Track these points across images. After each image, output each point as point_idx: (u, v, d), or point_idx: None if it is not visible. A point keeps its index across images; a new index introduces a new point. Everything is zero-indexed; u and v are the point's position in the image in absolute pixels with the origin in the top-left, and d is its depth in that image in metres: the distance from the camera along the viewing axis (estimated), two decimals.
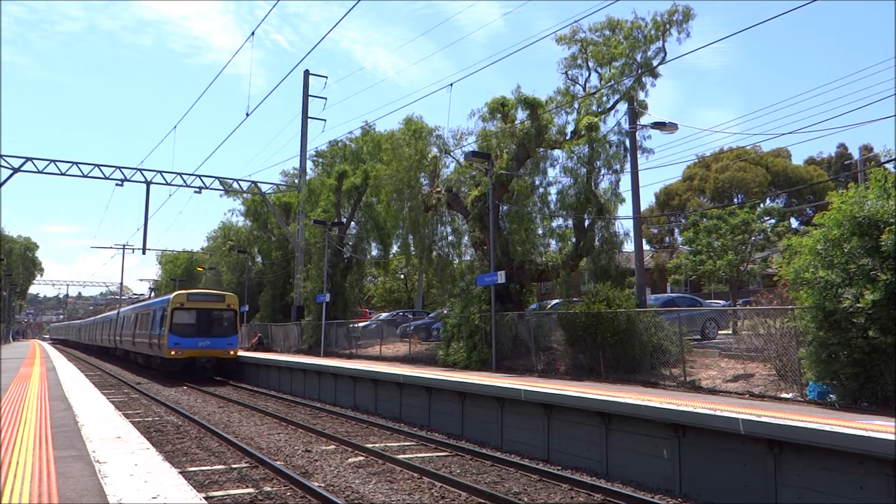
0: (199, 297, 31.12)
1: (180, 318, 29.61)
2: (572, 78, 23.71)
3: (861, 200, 11.84)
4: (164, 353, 29.52)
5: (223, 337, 30.28)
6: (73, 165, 33.62)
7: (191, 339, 29.44)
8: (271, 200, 40.67)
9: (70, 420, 10.14)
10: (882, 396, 11.31)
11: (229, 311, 30.90)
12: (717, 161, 52.28)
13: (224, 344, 30.29)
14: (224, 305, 30.84)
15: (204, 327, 29.90)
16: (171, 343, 29.13)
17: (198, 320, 29.91)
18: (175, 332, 29.19)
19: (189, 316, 29.84)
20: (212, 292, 32.77)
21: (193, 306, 30.04)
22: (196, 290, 32.54)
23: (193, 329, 29.63)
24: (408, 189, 26.20)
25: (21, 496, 5.48)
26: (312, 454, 12.29)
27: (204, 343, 29.67)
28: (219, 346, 30.12)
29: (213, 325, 30.29)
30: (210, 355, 29.86)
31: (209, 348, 29.80)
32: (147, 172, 35.11)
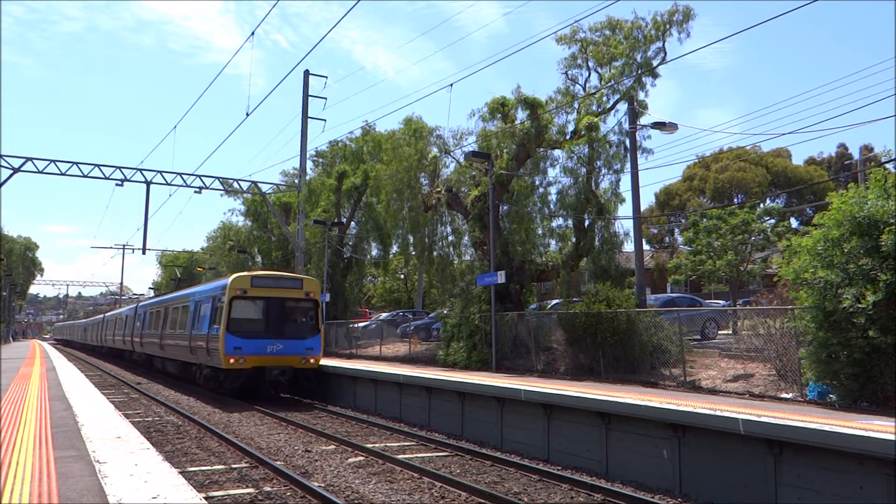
0: (269, 281, 21.94)
1: (242, 311, 20.97)
2: (572, 78, 23.72)
3: (861, 200, 11.84)
4: (219, 361, 20.44)
5: (301, 338, 21.44)
6: (73, 165, 33.61)
7: (257, 342, 20.57)
8: (271, 200, 40.66)
9: (70, 420, 10.14)
10: (882, 396, 11.31)
11: (309, 300, 21.98)
12: (717, 161, 52.28)
13: (302, 348, 21.33)
14: (302, 293, 21.92)
15: (275, 324, 21.19)
16: (230, 347, 20.15)
17: (266, 314, 21.21)
18: (235, 331, 20.37)
19: (255, 308, 21.24)
20: (285, 275, 23.57)
21: (260, 294, 21.21)
22: (264, 273, 23.01)
23: (261, 326, 21.04)
24: (408, 189, 26.20)
25: (21, 496, 5.48)
26: (312, 454, 12.29)
27: (275, 347, 20.81)
28: (295, 350, 21.19)
29: (288, 320, 21.67)
30: (283, 364, 20.84)
31: (282, 354, 20.87)
32: (147, 172, 35.11)
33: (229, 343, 20.16)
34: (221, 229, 56.36)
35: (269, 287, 21.40)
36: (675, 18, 21.73)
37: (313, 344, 21.59)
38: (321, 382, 22.27)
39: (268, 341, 20.74)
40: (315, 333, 21.75)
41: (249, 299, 21.06)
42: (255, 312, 21.19)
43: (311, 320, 21.97)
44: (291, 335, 21.21)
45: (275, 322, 21.12)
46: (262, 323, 21.07)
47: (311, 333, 21.68)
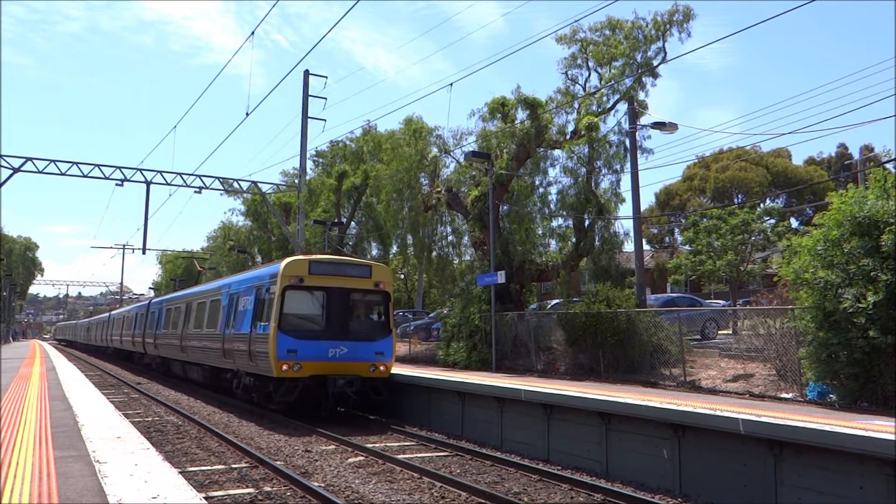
0: (330, 267, 17.24)
1: (298, 305, 16.68)
2: (572, 78, 23.74)
3: (861, 201, 11.84)
4: (267, 368, 16.21)
5: (369, 339, 17.03)
6: (73, 165, 33.57)
7: (317, 344, 16.31)
8: (271, 200, 40.66)
9: (70, 420, 10.14)
10: (882, 396, 11.32)
11: (378, 292, 17.55)
12: (718, 161, 52.28)
13: (370, 352, 16.90)
14: (370, 283, 17.41)
15: (338, 322, 16.74)
16: (283, 350, 15.91)
17: (328, 309, 16.80)
18: (288, 330, 16.11)
19: (313, 301, 16.88)
20: (351, 261, 18.79)
21: (320, 283, 16.77)
22: (325, 257, 18.28)
23: (321, 325, 16.74)
24: (408, 189, 26.21)
25: (21, 496, 5.48)
26: (312, 454, 12.29)
27: (339, 350, 16.48)
28: (363, 354, 16.78)
29: (354, 317, 17.35)
30: (349, 372, 16.42)
31: (347, 359, 16.51)
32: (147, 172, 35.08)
33: (282, 345, 15.75)
34: (221, 229, 56.41)
35: (330, 275, 16.83)
36: (676, 18, 21.75)
37: (384, 347, 17.09)
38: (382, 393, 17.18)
39: (329, 343, 16.29)
40: (386, 334, 17.30)
41: (306, 290, 16.58)
42: (313, 307, 16.76)
43: (381, 317, 17.64)
44: (358, 336, 16.79)
45: (338, 319, 16.63)
46: (323, 320, 16.64)
47: (381, 334, 17.25)
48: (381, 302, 17.65)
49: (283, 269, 16.41)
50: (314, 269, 16.74)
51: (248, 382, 17.76)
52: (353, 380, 16.28)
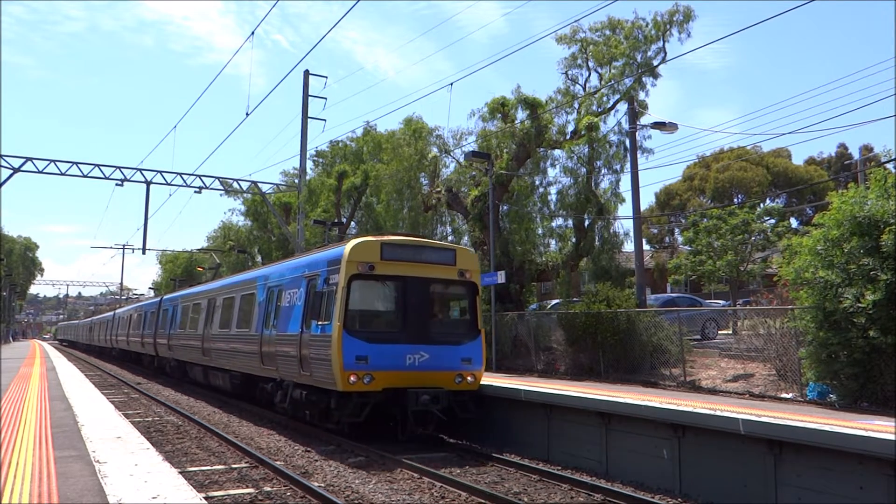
0: (407, 251, 13.63)
1: (367, 299, 13.53)
2: (572, 78, 23.77)
3: (861, 200, 11.85)
4: (327, 379, 12.88)
5: (455, 342, 13.64)
6: (73, 165, 33.55)
7: (392, 348, 12.96)
8: (271, 200, 40.65)
9: (70, 420, 10.14)
10: (882, 396, 11.32)
11: (464, 283, 14.09)
12: (718, 161, 52.29)
13: (456, 358, 13.50)
14: (454, 272, 13.94)
15: (417, 320, 13.35)
16: (350, 356, 12.53)
17: (404, 305, 13.38)
18: (356, 331, 12.82)
19: (386, 294, 13.69)
20: (430, 243, 14.95)
21: (394, 272, 13.35)
22: (400, 238, 14.39)
23: (396, 324, 13.40)
24: (408, 189, 26.22)
25: (21, 496, 5.48)
26: (312, 454, 12.29)
27: (419, 357, 13.05)
28: (448, 362, 13.38)
29: (436, 314, 14.14)
30: (431, 384, 13.02)
31: (429, 367, 13.15)
32: (147, 172, 35.05)
33: (349, 350, 12.29)
34: (221, 229, 56.42)
35: (407, 261, 13.31)
36: (676, 19, 21.78)
37: (472, 352, 13.51)
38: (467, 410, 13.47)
39: (407, 348, 12.82)
40: (474, 336, 13.72)
41: (378, 280, 13.19)
42: (386, 301, 13.52)
43: (467, 315, 14.15)
44: (441, 338, 13.32)
45: (417, 317, 13.18)
46: (399, 318, 13.21)
47: (468, 336, 13.71)
48: (467, 295, 14.09)
49: (350, 253, 12.76)
50: (388, 253, 13.12)
51: (297, 396, 13.93)
52: (438, 394, 12.62)
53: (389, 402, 12.85)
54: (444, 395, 12.90)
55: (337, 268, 13.09)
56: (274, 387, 15.51)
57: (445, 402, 12.92)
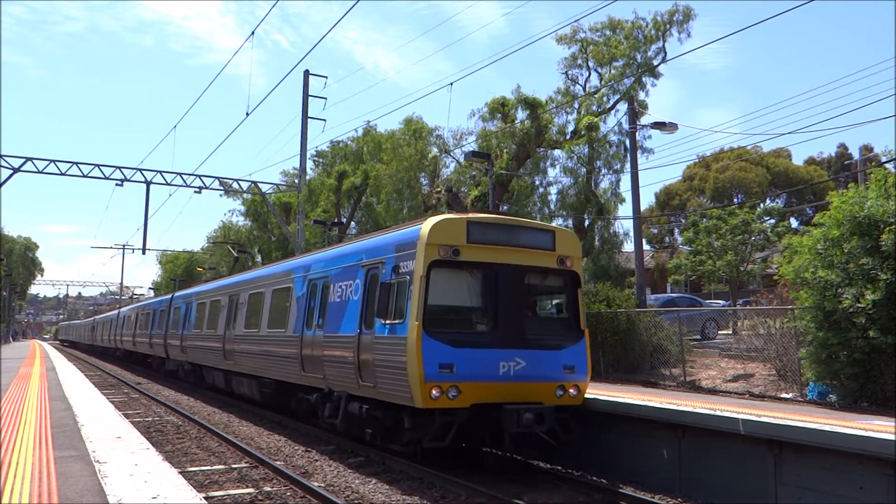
0: (499, 232, 11.02)
1: (450, 292, 10.84)
2: (572, 78, 23.80)
3: (861, 200, 11.86)
4: (404, 394, 10.16)
5: (554, 346, 11.00)
6: (73, 165, 33.56)
7: (481, 354, 10.33)
8: (271, 200, 40.66)
9: (70, 420, 10.15)
10: (882, 396, 11.33)
11: (564, 272, 11.47)
12: (718, 161, 52.30)
13: (557, 366, 10.88)
14: (553, 258, 11.32)
15: (511, 319, 10.76)
16: (432, 364, 9.95)
17: (494, 300, 10.75)
18: (438, 333, 10.15)
19: (472, 286, 10.90)
20: (523, 222, 12.26)
21: (484, 258, 10.76)
22: (489, 217, 11.80)
23: (486, 324, 10.76)
24: (408, 189, 26.24)
25: (21, 496, 5.48)
26: (312, 454, 12.28)
27: (513, 364, 10.44)
28: (547, 371, 10.79)
29: (530, 311, 11.60)
30: (528, 399, 10.48)
31: (526, 378, 10.53)
32: (147, 172, 35.06)
33: (431, 356, 9.88)
34: (221, 229, 56.43)
35: (498, 245, 10.76)
36: (676, 18, 21.81)
37: (576, 358, 10.97)
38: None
39: (500, 353, 10.32)
40: (578, 338, 11.12)
41: (463, 268, 10.60)
42: (473, 294, 10.84)
43: (568, 311, 11.51)
44: (539, 341, 10.79)
45: (510, 315, 10.66)
46: (489, 316, 10.64)
47: (570, 338, 11.12)
48: (568, 287, 11.40)
49: (430, 234, 10.23)
50: (475, 234, 10.61)
51: (355, 411, 11.48)
52: (543, 412, 10.08)
53: (479, 421, 10.26)
54: (550, 413, 10.20)
55: (411, 253, 10.48)
56: (320, 398, 12.91)
57: (552, 421, 10.17)
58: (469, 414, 10.18)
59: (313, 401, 13.32)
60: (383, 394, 10.69)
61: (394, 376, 10.30)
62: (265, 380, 16.21)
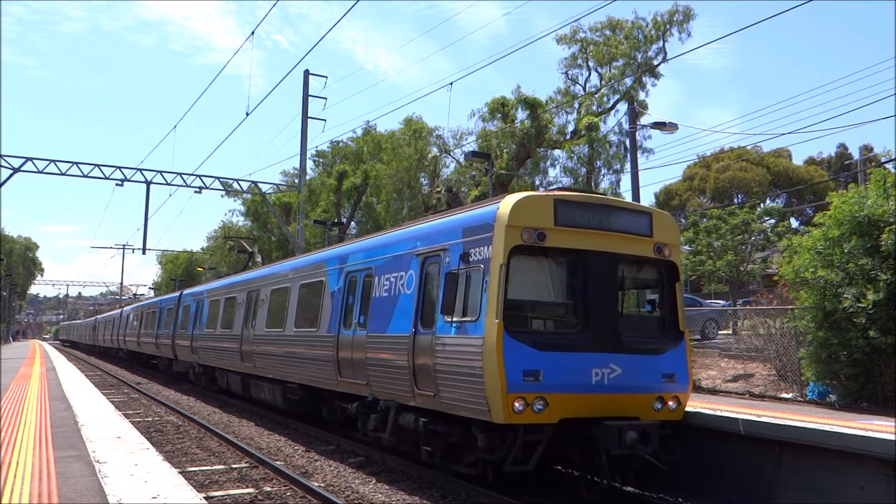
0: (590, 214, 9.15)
1: (534, 284, 9.14)
2: (572, 78, 23.82)
3: (861, 200, 11.86)
4: (479, 407, 8.44)
5: (652, 350, 9.30)
6: (73, 165, 33.58)
7: (571, 359, 8.62)
8: (271, 200, 40.66)
9: (70, 420, 10.15)
10: (882, 396, 11.33)
11: (662, 263, 9.72)
12: (718, 161, 52.34)
13: (655, 374, 9.16)
14: (649, 246, 9.51)
15: (603, 317, 8.99)
16: (515, 370, 8.19)
17: (585, 292, 8.98)
18: (519, 332, 8.46)
19: (559, 277, 9.26)
20: (616, 202, 10.16)
21: (572, 244, 8.97)
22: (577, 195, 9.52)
23: (573, 320, 9.11)
24: (408, 189, 26.26)
25: (21, 496, 5.48)
26: (312, 454, 12.28)
27: (606, 371, 8.75)
28: (643, 379, 9.05)
29: (624, 308, 9.81)
30: (624, 413, 8.80)
31: (621, 388, 8.82)
32: (147, 172, 35.07)
33: (514, 360, 8.30)
34: (222, 229, 56.47)
35: (587, 229, 9.12)
36: (676, 18, 21.83)
37: (676, 364, 9.41)
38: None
39: (593, 358, 8.79)
40: (677, 340, 9.59)
41: (549, 255, 9.05)
42: (558, 288, 9.36)
43: (665, 309, 9.85)
44: (635, 344, 9.23)
45: (602, 312, 9.05)
46: (579, 313, 9.08)
47: (669, 340, 9.59)
48: (666, 281, 9.82)
49: (511, 215, 8.59)
50: (563, 215, 8.94)
51: (408, 425, 9.91)
52: (648, 429, 8.59)
53: (567, 440, 8.78)
54: (656, 431, 8.70)
55: (485, 237, 8.85)
56: (361, 407, 11.39)
57: (657, 441, 8.66)
58: (556, 431, 8.55)
59: (352, 411, 11.72)
60: (447, 405, 9.09)
61: (463, 385, 8.69)
62: (291, 385, 14.60)
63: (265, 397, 16.35)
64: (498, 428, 8.41)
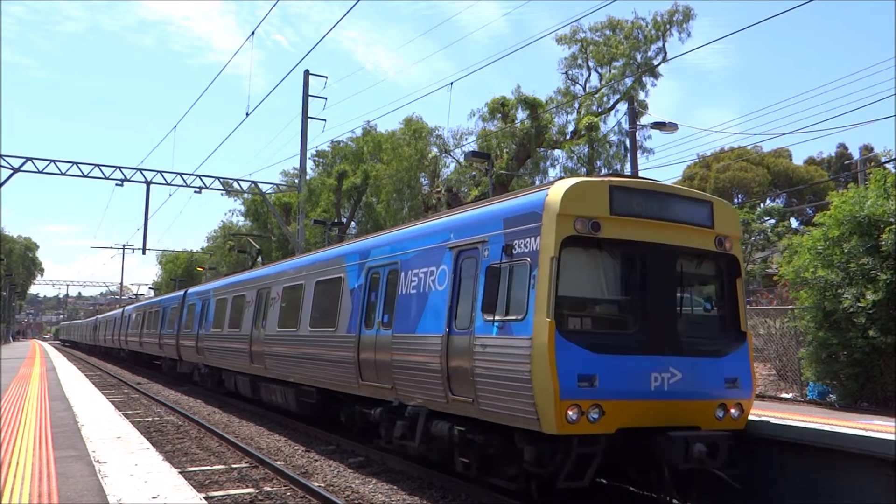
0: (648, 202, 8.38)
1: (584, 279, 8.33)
2: (572, 78, 23.84)
3: (861, 200, 11.86)
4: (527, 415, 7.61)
5: (713, 353, 8.48)
6: (73, 165, 33.58)
7: (628, 362, 7.82)
8: (271, 200, 40.66)
9: (70, 420, 10.15)
10: (882, 396, 11.33)
11: (722, 258, 9.00)
12: (718, 161, 52.36)
13: (717, 379, 8.37)
14: (710, 238, 8.76)
15: (661, 316, 8.21)
16: (569, 375, 7.41)
17: (643, 289, 8.21)
18: (572, 333, 7.82)
19: (614, 272, 8.42)
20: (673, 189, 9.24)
21: (629, 235, 8.17)
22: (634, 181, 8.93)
23: (629, 320, 8.35)
24: (408, 189, 26.27)
25: (21, 496, 5.48)
26: (312, 454, 12.28)
27: (666, 376, 7.95)
28: (705, 384, 8.26)
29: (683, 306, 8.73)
30: (683, 421, 7.99)
31: (681, 394, 8.03)
32: (147, 172, 35.07)
33: (568, 364, 7.57)
34: (222, 229, 56.48)
35: (645, 218, 8.37)
36: (676, 18, 21.85)
37: (739, 368, 8.68)
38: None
39: (651, 361, 8.02)
40: (739, 342, 8.85)
41: (603, 248, 8.26)
42: (613, 283, 8.57)
43: (726, 307, 9.13)
44: (695, 346, 8.44)
45: (660, 311, 8.30)
46: (635, 312, 8.34)
47: (731, 342, 8.84)
48: (726, 277, 9.12)
49: (563, 202, 7.82)
50: (620, 202, 8.16)
51: (443, 433, 9.15)
52: (717, 441, 7.84)
53: (625, 452, 8.03)
54: (725, 443, 7.93)
55: (532, 227, 8.07)
56: (385, 413, 10.59)
57: (725, 453, 7.91)
58: (612, 443, 7.75)
59: (375, 416, 10.90)
60: (487, 413, 8.32)
61: (507, 391, 7.88)
62: (306, 388, 13.86)
63: (277, 401, 15.55)
64: (547, 439, 7.66)
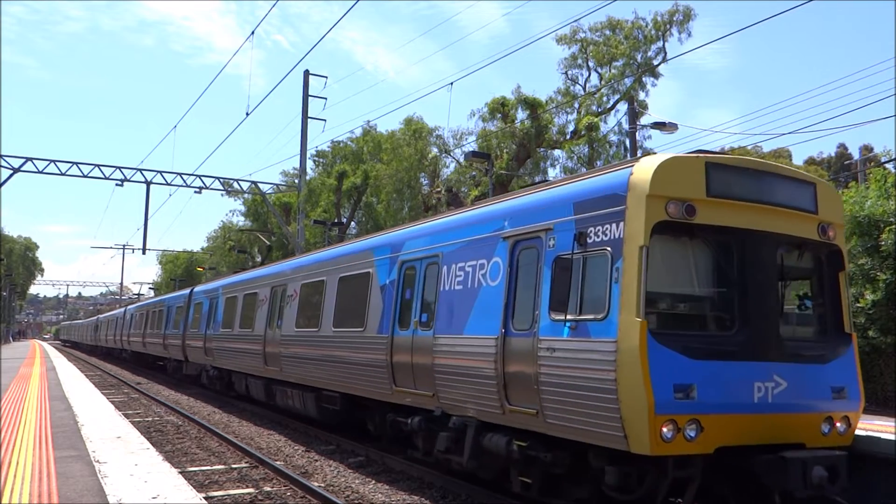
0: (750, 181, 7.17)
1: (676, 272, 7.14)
2: (572, 78, 23.84)
3: (861, 200, 11.87)
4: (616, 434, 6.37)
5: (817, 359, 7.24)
6: (73, 165, 33.59)
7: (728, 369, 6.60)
8: (271, 200, 40.66)
9: (70, 420, 10.16)
10: (882, 396, 11.34)
11: (825, 247, 7.73)
12: None
13: (822, 387, 7.13)
14: (812, 226, 7.52)
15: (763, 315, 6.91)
16: (665, 385, 6.21)
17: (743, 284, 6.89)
18: (667, 338, 6.43)
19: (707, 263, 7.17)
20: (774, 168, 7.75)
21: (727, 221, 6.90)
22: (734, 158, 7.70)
23: (728, 320, 7.00)
24: (408, 189, 26.27)
25: (21, 496, 5.49)
26: (312, 454, 12.28)
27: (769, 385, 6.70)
28: (810, 394, 7.01)
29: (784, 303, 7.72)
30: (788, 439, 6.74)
31: (785, 407, 6.78)
32: (147, 172, 35.08)
33: (662, 371, 6.32)
34: (222, 229, 56.49)
35: (744, 201, 7.10)
36: (676, 18, 21.85)
37: (845, 375, 7.46)
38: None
39: (754, 368, 6.75)
40: (845, 345, 7.61)
41: (698, 235, 7.02)
42: (707, 278, 7.30)
43: (828, 306, 7.87)
44: (797, 350, 7.21)
45: (762, 310, 6.99)
46: (735, 311, 7.00)
47: (836, 345, 7.60)
48: (829, 270, 7.92)
49: (653, 182, 6.68)
50: (718, 183, 7.01)
51: (499, 448, 8.07)
52: (836, 463, 6.66)
53: (723, 476, 6.92)
54: (844, 465, 6.72)
55: (614, 212, 6.92)
56: (424, 423, 9.59)
57: (845, 477, 6.71)
58: (709, 465, 6.65)
59: (412, 426, 9.82)
60: (556, 427, 7.18)
61: (584, 402, 6.76)
62: (328, 393, 12.80)
63: (294, 406, 14.45)
64: (634, 459, 6.51)
